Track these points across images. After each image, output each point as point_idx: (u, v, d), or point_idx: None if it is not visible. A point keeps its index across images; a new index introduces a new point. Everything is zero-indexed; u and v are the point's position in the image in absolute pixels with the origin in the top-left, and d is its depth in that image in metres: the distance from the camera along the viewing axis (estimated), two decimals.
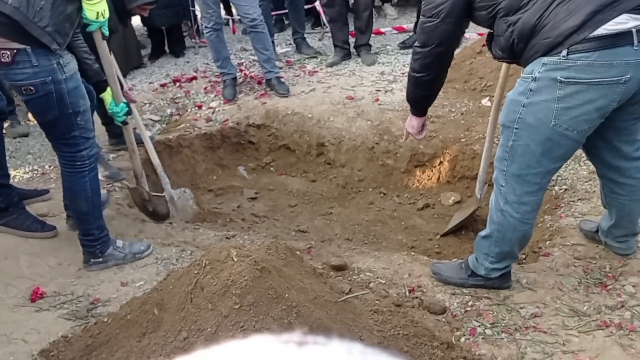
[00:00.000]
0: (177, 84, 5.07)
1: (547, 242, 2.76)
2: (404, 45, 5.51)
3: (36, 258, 2.80)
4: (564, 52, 1.89)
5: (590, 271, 2.46)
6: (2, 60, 2.29)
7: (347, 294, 2.28)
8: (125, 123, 3.02)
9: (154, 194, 3.31)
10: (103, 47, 2.74)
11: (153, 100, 4.71)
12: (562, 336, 2.13)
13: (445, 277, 2.49)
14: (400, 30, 6.23)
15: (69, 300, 2.54)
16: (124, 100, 2.98)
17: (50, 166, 3.83)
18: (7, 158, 3.08)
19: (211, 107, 4.54)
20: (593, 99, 1.92)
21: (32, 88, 2.34)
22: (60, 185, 3.53)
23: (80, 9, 2.42)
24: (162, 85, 5.06)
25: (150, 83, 5.13)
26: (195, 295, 1.74)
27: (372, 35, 5.47)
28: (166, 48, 6.09)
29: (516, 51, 2.03)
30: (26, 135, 4.30)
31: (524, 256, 2.87)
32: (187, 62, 5.79)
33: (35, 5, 2.25)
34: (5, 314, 2.44)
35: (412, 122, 2.64)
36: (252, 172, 4.26)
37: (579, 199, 3.01)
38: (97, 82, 3.02)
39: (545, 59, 1.93)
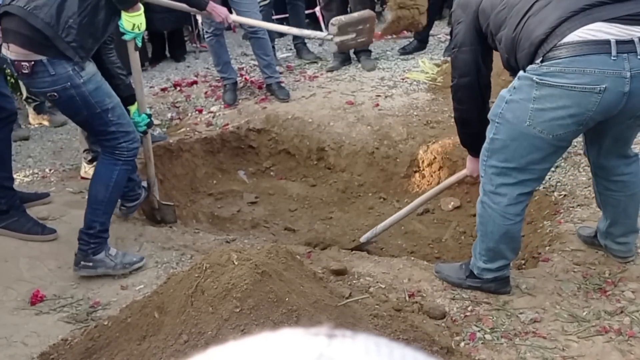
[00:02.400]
0: (178, 88, 5.08)
1: (547, 248, 2.77)
2: (403, 51, 5.52)
3: (36, 261, 2.80)
4: (539, 60, 1.95)
5: (590, 277, 2.47)
6: (23, 71, 2.44)
7: (347, 298, 2.29)
8: (145, 133, 3.09)
9: (163, 202, 3.33)
10: (135, 57, 2.85)
11: (154, 104, 4.72)
12: (562, 341, 2.13)
13: (445, 276, 2.52)
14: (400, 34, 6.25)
15: (69, 303, 2.54)
16: (147, 112, 3.05)
17: (50, 169, 3.83)
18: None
19: (212, 112, 4.55)
20: (566, 105, 1.93)
21: (55, 94, 2.49)
22: (60, 188, 3.55)
23: (106, 24, 2.54)
24: (163, 90, 5.07)
25: (150, 87, 5.14)
26: (195, 299, 1.74)
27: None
28: (167, 52, 6.11)
29: (513, 66, 2.10)
30: (27, 138, 4.31)
31: (523, 261, 2.87)
32: (188, 66, 5.81)
33: (64, 22, 2.39)
34: (5, 317, 2.44)
35: (472, 165, 2.62)
36: (252, 177, 4.27)
37: (579, 205, 3.02)
38: (127, 96, 3.06)
39: (528, 67, 2.00)
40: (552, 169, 3.36)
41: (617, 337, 2.12)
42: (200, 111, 4.60)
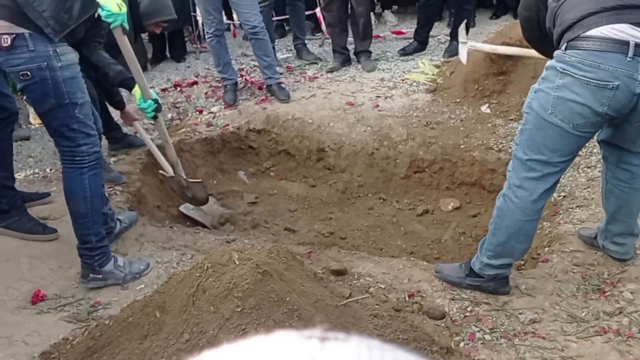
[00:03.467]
0: (178, 88, 5.09)
1: (546, 249, 2.78)
2: (403, 52, 5.53)
3: (37, 261, 2.81)
4: (564, 47, 2.03)
5: (589, 277, 2.48)
6: (3, 44, 2.31)
7: (347, 298, 2.30)
8: (155, 117, 3.04)
9: (191, 180, 3.33)
10: (125, 42, 2.74)
11: None
12: (561, 342, 2.14)
13: (444, 275, 2.54)
14: (399, 34, 6.26)
15: (70, 302, 2.55)
16: (153, 97, 2.99)
17: (51, 169, 3.84)
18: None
19: (212, 112, 4.56)
20: (584, 96, 1.99)
21: (28, 73, 2.35)
22: (61, 188, 3.54)
23: (83, 6, 2.43)
24: (163, 90, 5.08)
25: (151, 87, 5.13)
26: (197, 298, 1.75)
27: (373, 40, 5.50)
28: (167, 53, 6.12)
29: (550, 36, 2.17)
30: (27, 138, 4.32)
31: (522, 262, 2.88)
32: (188, 67, 5.82)
33: None
34: (6, 316, 2.45)
35: None
36: (252, 177, 4.28)
37: (578, 206, 3.03)
38: (122, 81, 3.03)
39: (556, 51, 2.08)
40: None
41: (615, 338, 2.13)
42: (201, 112, 4.61)
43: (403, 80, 4.82)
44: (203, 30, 5.31)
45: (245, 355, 0.38)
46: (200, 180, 3.44)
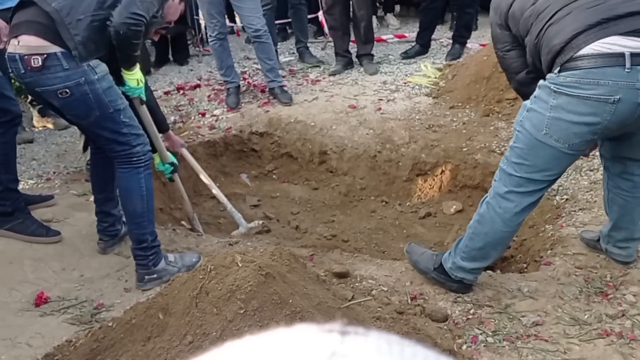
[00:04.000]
0: (181, 91, 5.11)
1: (549, 252, 2.78)
2: (406, 55, 5.54)
3: (40, 263, 2.82)
4: (557, 70, 2.00)
5: (591, 280, 2.48)
6: (34, 65, 2.29)
7: (349, 300, 2.30)
8: (172, 180, 3.16)
9: (200, 232, 3.36)
10: (143, 111, 2.79)
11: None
12: (563, 344, 2.14)
13: (414, 259, 2.57)
14: (402, 37, 6.27)
15: (73, 305, 2.56)
16: (169, 160, 3.09)
17: (54, 172, 3.86)
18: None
19: (214, 115, 4.57)
20: (582, 113, 1.96)
21: (67, 91, 2.34)
22: (64, 190, 3.57)
23: (110, 44, 2.44)
24: (166, 93, 5.10)
25: (154, 90, 5.16)
26: (200, 300, 1.76)
27: (375, 43, 5.51)
28: (170, 56, 6.13)
29: (539, 68, 2.13)
30: (31, 141, 4.33)
31: (525, 265, 2.88)
32: (191, 70, 5.83)
33: (75, 15, 2.31)
34: (10, 318, 2.46)
35: None
36: (254, 180, 4.29)
37: (580, 209, 3.03)
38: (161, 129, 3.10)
39: (548, 74, 2.04)
40: None
41: (618, 340, 2.13)
42: (203, 114, 4.62)
43: (405, 83, 4.83)
44: (206, 33, 5.34)
45: (267, 347, 0.38)
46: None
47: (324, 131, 4.21)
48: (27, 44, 2.32)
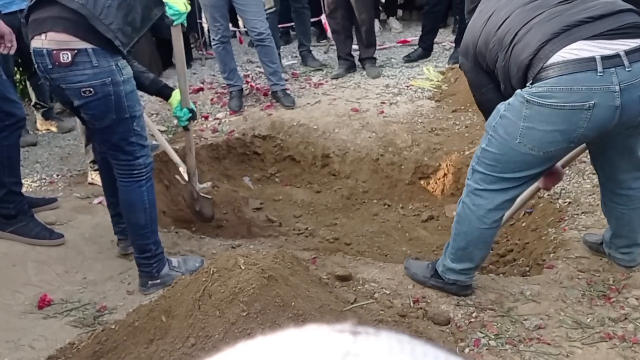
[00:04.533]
0: None
1: (551, 255, 2.78)
2: (408, 59, 5.55)
3: (44, 265, 2.83)
4: (529, 83, 2.00)
5: (594, 284, 2.48)
6: (62, 61, 2.25)
7: (352, 303, 2.30)
8: (187, 129, 3.03)
9: (202, 195, 3.30)
10: (179, 41, 2.71)
11: (160, 110, 4.75)
12: (566, 348, 2.14)
13: (412, 273, 2.59)
14: (404, 43, 6.28)
15: (76, 307, 2.56)
16: (190, 106, 2.94)
17: (58, 175, 3.87)
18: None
19: (217, 118, 4.59)
20: (556, 122, 1.96)
21: (91, 90, 2.30)
22: (67, 193, 3.58)
23: (145, 17, 2.41)
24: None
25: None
26: (203, 302, 1.76)
27: (377, 48, 5.52)
28: (173, 59, 6.14)
29: (511, 94, 2.11)
30: (34, 144, 4.35)
31: (527, 268, 2.88)
32: (194, 73, 5.85)
33: (102, 3, 2.25)
34: (13, 321, 2.47)
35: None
36: (257, 183, 4.29)
37: (583, 212, 3.03)
38: (159, 90, 3.00)
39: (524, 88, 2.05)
40: None
41: (621, 344, 2.13)
42: (206, 118, 4.63)
43: (408, 86, 4.84)
44: (209, 37, 5.35)
45: (279, 348, 0.38)
46: (210, 197, 3.39)
47: (327, 134, 4.22)
48: (56, 39, 2.27)
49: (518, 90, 2.04)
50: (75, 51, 2.25)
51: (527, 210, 3.34)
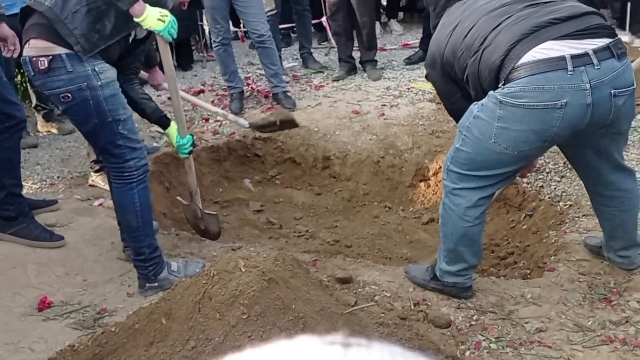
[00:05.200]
0: None
1: (552, 258, 2.77)
2: (409, 61, 5.55)
3: (44, 267, 2.82)
4: (501, 84, 2.02)
5: (595, 287, 2.47)
6: (40, 67, 2.28)
7: (352, 306, 2.30)
8: (190, 153, 2.99)
9: (206, 212, 3.26)
10: (168, 61, 2.64)
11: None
12: (567, 351, 2.13)
13: (412, 277, 2.59)
14: (406, 46, 6.29)
15: (76, 309, 2.56)
16: (190, 133, 2.90)
17: (58, 177, 3.87)
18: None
19: (218, 120, 4.58)
20: (529, 122, 1.98)
21: (69, 95, 2.32)
22: (68, 195, 3.58)
23: (117, 27, 2.36)
24: (170, 98, 5.10)
25: (158, 96, 5.18)
26: (203, 305, 1.76)
27: (378, 50, 5.52)
28: (174, 61, 6.15)
29: (482, 99, 2.13)
30: (35, 146, 4.34)
31: (528, 271, 2.88)
32: (195, 75, 5.85)
33: (70, 8, 2.26)
34: (13, 323, 2.46)
35: None
36: (257, 185, 4.29)
37: (584, 215, 3.02)
38: (159, 119, 3.00)
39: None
40: (558, 178, 3.38)
41: (622, 347, 2.12)
42: (207, 120, 4.63)
43: (409, 89, 4.84)
44: (210, 39, 5.36)
45: None
46: (215, 213, 3.34)
47: (327, 136, 4.22)
48: (35, 46, 2.31)
49: (491, 92, 2.05)
50: (51, 57, 2.28)
51: (528, 212, 3.34)
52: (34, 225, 3.00)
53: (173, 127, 2.95)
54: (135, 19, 2.34)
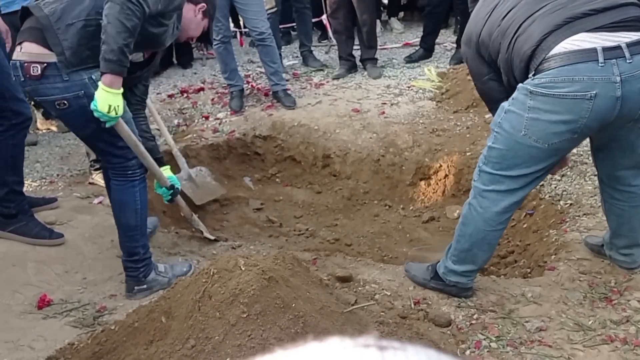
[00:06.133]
0: (185, 94, 5.11)
1: (553, 257, 2.77)
2: (409, 59, 5.54)
3: (43, 265, 2.82)
4: (531, 74, 2.02)
5: (596, 286, 2.47)
6: (32, 73, 2.23)
7: (352, 305, 2.29)
8: (171, 202, 3.02)
9: (208, 237, 3.26)
10: (125, 130, 2.40)
11: (160, 110, 4.74)
12: (567, 350, 2.13)
13: (412, 275, 2.59)
14: (406, 45, 6.28)
15: (76, 307, 2.56)
16: (169, 184, 2.84)
17: (58, 175, 3.86)
18: None
19: (218, 118, 4.58)
20: (560, 112, 1.98)
21: (65, 102, 2.27)
22: (67, 193, 3.57)
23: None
24: (170, 96, 5.11)
25: (158, 94, 5.17)
26: (203, 304, 1.75)
27: (378, 48, 5.51)
28: (174, 59, 6.15)
29: (514, 86, 2.13)
30: (35, 144, 4.34)
31: (529, 270, 2.87)
32: (195, 73, 5.84)
33: (66, 20, 2.23)
34: (13, 321, 2.46)
35: None
36: (257, 183, 4.28)
37: (585, 214, 3.02)
38: (156, 159, 2.88)
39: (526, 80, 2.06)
40: (558, 177, 3.37)
41: (622, 346, 2.12)
42: (207, 118, 4.62)
43: (409, 87, 4.83)
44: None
45: None
46: (215, 238, 3.30)
47: (328, 135, 4.21)
48: (29, 51, 2.26)
49: (520, 84, 2.05)
50: (45, 64, 2.23)
51: (528, 211, 3.34)
52: (34, 223, 2.99)
53: (165, 170, 2.87)
54: (105, 88, 2.19)
